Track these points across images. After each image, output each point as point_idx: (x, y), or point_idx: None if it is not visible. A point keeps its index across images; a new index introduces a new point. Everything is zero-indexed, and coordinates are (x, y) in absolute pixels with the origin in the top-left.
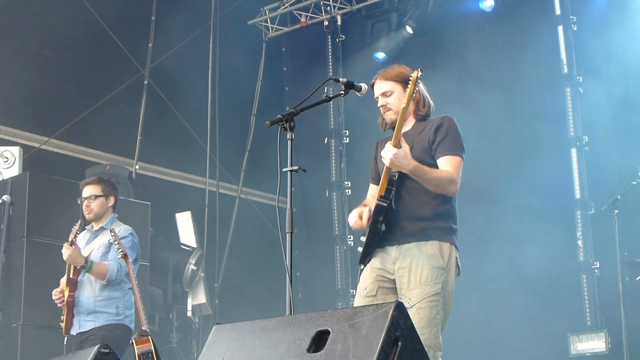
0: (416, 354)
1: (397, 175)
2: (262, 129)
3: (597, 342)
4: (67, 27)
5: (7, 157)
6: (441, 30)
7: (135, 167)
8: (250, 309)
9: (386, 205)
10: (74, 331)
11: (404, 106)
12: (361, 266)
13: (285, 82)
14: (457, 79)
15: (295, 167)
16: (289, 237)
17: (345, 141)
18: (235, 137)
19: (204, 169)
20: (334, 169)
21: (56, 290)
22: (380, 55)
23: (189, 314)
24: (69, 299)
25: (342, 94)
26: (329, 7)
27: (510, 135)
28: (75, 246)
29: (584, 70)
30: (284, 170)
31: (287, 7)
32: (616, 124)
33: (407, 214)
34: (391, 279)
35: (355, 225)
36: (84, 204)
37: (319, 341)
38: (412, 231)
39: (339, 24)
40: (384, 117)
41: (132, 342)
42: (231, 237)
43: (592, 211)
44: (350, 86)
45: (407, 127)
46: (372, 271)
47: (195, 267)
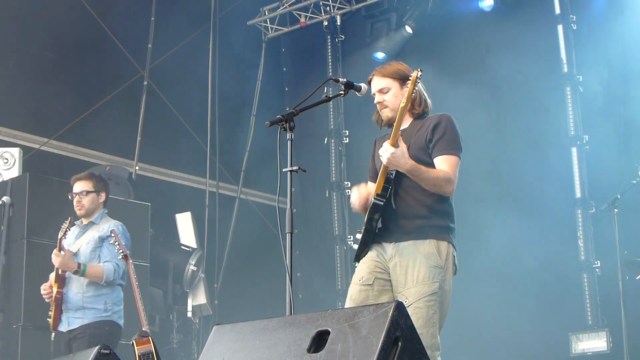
0: (416, 353)
1: (394, 173)
2: (262, 130)
3: (598, 341)
4: (67, 28)
5: (7, 159)
6: (441, 30)
7: (135, 167)
8: (250, 309)
9: (382, 203)
10: (62, 328)
11: (402, 105)
12: (356, 264)
13: (284, 82)
14: (456, 78)
15: (295, 168)
16: (289, 237)
17: (345, 141)
18: (235, 138)
19: (203, 169)
20: (333, 169)
21: (45, 284)
22: (379, 55)
23: (189, 314)
24: (57, 295)
25: (341, 94)
26: (328, 7)
27: (510, 134)
28: (65, 252)
29: (584, 69)
30: (284, 170)
31: (286, 7)
32: (616, 123)
33: (404, 212)
34: (388, 272)
35: (356, 199)
36: (75, 200)
37: (319, 341)
38: (409, 229)
39: (338, 24)
40: (380, 114)
41: (132, 342)
42: (231, 238)
43: (593, 210)
44: (349, 86)
45: (404, 125)
46: (370, 261)
47: (195, 268)
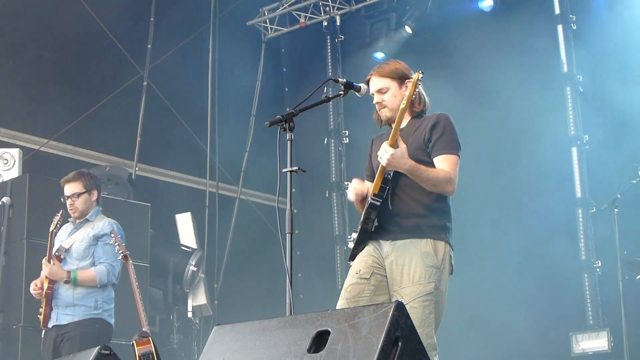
0: (416, 354)
1: (392, 174)
2: (262, 130)
3: (599, 341)
4: (66, 28)
5: (6, 159)
6: (440, 30)
7: (135, 168)
8: (250, 309)
9: (379, 204)
10: (51, 324)
11: (402, 107)
12: (351, 263)
13: (284, 82)
14: (456, 78)
15: (294, 168)
16: (289, 237)
17: (344, 141)
18: (235, 138)
19: (203, 170)
20: (333, 169)
21: (36, 281)
22: (379, 55)
23: (190, 315)
24: (47, 291)
25: (341, 95)
26: (328, 8)
27: (510, 134)
28: (54, 261)
29: (584, 69)
30: (284, 170)
31: (286, 7)
32: (616, 123)
33: (401, 211)
34: (384, 268)
35: (354, 192)
36: (68, 203)
37: (319, 341)
38: (406, 228)
39: (338, 24)
40: (379, 114)
41: (132, 343)
42: (231, 238)
43: (593, 210)
44: (349, 86)
45: (403, 124)
46: (367, 256)
47: (195, 268)
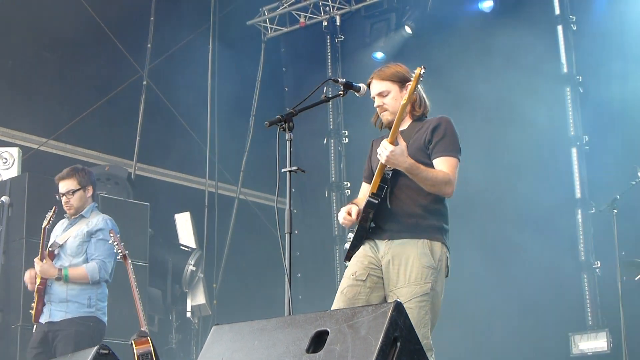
0: (415, 354)
1: (390, 173)
2: (261, 130)
3: (598, 342)
4: (66, 27)
5: (6, 158)
6: (440, 30)
7: (134, 167)
8: (249, 309)
9: (377, 202)
10: (43, 319)
11: (404, 102)
12: (347, 263)
13: (284, 82)
14: (455, 79)
15: (294, 168)
16: (288, 237)
17: (344, 141)
18: (234, 138)
19: (203, 169)
20: (333, 169)
21: (31, 272)
22: (379, 55)
23: (188, 314)
24: (39, 286)
25: (341, 94)
26: (327, 8)
27: (510, 134)
28: (46, 259)
29: (584, 69)
30: (283, 170)
31: (286, 7)
32: (616, 124)
33: (398, 210)
34: (380, 269)
35: (345, 221)
36: (63, 200)
37: (318, 342)
38: (403, 227)
39: (338, 24)
40: (380, 117)
41: (131, 343)
42: (230, 238)
43: (593, 211)
44: (349, 86)
45: (404, 127)
46: (363, 257)
47: (194, 268)
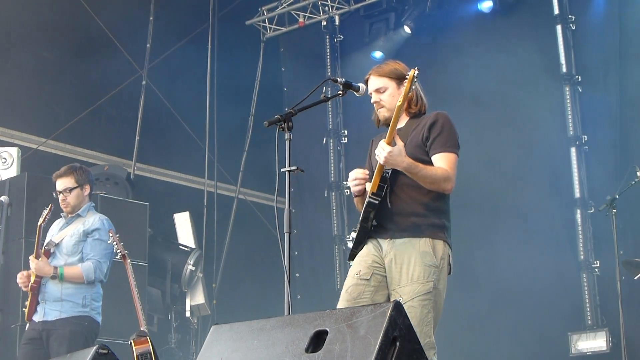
0: (414, 353)
1: (390, 172)
2: (261, 130)
3: (598, 341)
4: (65, 27)
5: (5, 158)
6: (439, 30)
7: (133, 167)
8: (248, 309)
9: (378, 202)
10: (36, 318)
11: (399, 104)
12: (351, 263)
13: (283, 82)
14: (455, 78)
15: (293, 168)
16: (287, 237)
17: (343, 141)
18: (233, 138)
19: (202, 169)
20: (332, 169)
21: (22, 273)
22: (377, 54)
23: (188, 314)
24: (34, 284)
25: (340, 94)
26: (327, 7)
27: (509, 134)
28: (41, 257)
29: (583, 69)
30: (282, 170)
31: (285, 7)
32: (615, 123)
33: (399, 209)
34: (384, 268)
35: (357, 186)
36: (60, 198)
37: (317, 341)
38: (405, 226)
39: (337, 24)
40: (377, 113)
41: (130, 342)
42: (229, 238)
43: (592, 210)
44: (348, 86)
45: (401, 124)
46: (367, 256)
47: (193, 268)
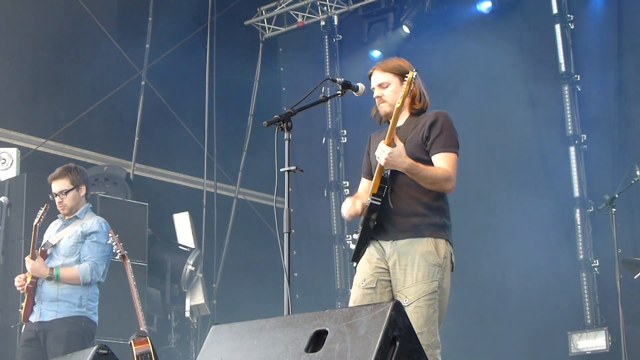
0: (414, 353)
1: (389, 172)
2: (260, 130)
3: (597, 340)
4: (64, 28)
5: (4, 159)
6: (438, 30)
7: (132, 168)
8: (248, 309)
9: (379, 203)
10: (33, 318)
11: (398, 106)
12: (354, 264)
13: (282, 82)
14: (454, 78)
15: (292, 167)
16: (286, 237)
17: (343, 141)
18: (232, 138)
19: (201, 169)
20: (332, 168)
21: (20, 276)
22: (375, 53)
23: (187, 314)
24: (29, 285)
25: (339, 94)
26: (325, 7)
27: (508, 134)
28: (38, 258)
29: (582, 68)
30: (282, 170)
31: (283, 7)
32: (614, 122)
33: (400, 210)
34: (388, 271)
35: (349, 212)
36: (57, 200)
37: (317, 341)
38: (406, 227)
39: (335, 24)
40: (378, 108)
41: (130, 342)
42: (229, 238)
43: (591, 209)
44: (347, 86)
45: (400, 122)
46: (370, 263)
47: (193, 268)
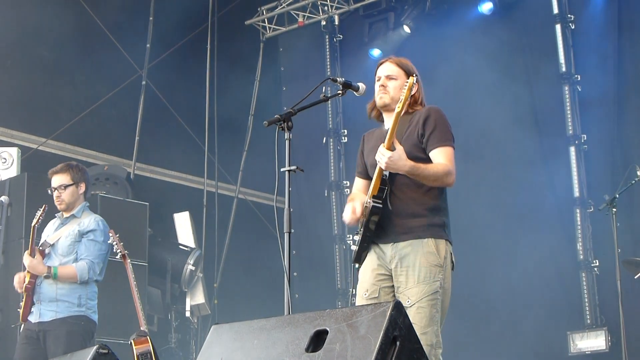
0: (414, 353)
1: (388, 173)
2: (260, 129)
3: (597, 340)
4: (65, 27)
5: (5, 158)
6: (439, 29)
7: (133, 167)
8: (248, 309)
9: (381, 205)
10: (32, 319)
11: (398, 110)
12: (356, 265)
13: (282, 82)
14: (454, 78)
15: (293, 167)
16: (287, 237)
17: (343, 141)
18: (233, 138)
19: (202, 169)
20: (332, 168)
21: (20, 275)
22: (375, 52)
23: (188, 314)
24: (28, 285)
25: (340, 94)
26: (326, 7)
27: (508, 134)
28: (36, 255)
29: (582, 68)
30: (282, 170)
31: (284, 7)
32: (614, 122)
33: (400, 211)
34: (390, 277)
35: (351, 218)
36: (55, 195)
37: (317, 341)
38: (406, 229)
39: (336, 23)
40: (376, 97)
41: (130, 342)
42: (229, 237)
43: (591, 209)
44: (348, 86)
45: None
46: (371, 272)
47: (193, 268)
